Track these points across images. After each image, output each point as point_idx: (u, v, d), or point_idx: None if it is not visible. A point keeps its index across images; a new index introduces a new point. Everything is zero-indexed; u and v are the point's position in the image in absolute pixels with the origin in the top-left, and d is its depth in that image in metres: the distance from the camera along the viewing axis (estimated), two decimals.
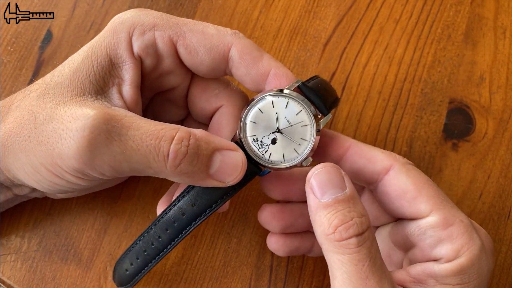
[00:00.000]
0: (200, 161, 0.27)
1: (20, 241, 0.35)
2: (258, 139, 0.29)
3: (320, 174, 0.26)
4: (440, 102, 0.39)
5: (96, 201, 0.36)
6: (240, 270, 0.35)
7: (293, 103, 0.28)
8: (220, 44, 0.29)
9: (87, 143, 0.26)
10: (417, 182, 0.28)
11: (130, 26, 0.29)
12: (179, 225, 0.29)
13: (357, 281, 0.24)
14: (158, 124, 0.27)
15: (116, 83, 0.29)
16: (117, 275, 0.32)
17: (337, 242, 0.25)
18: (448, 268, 0.26)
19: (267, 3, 0.42)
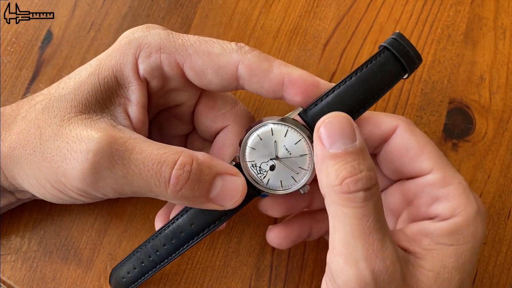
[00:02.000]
0: (201, 186, 0.27)
1: (20, 241, 0.35)
2: (256, 164, 0.29)
3: (330, 123, 0.25)
4: (440, 102, 0.39)
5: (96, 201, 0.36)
6: (240, 270, 0.35)
7: (293, 132, 0.28)
8: (227, 65, 0.29)
9: (90, 166, 0.26)
10: (420, 141, 0.28)
11: (137, 48, 0.29)
12: (177, 242, 0.30)
13: (359, 236, 0.24)
14: (161, 147, 0.27)
15: (122, 103, 0.29)
16: (114, 280, 0.33)
17: (343, 195, 0.24)
18: (444, 226, 0.26)
19: (267, 3, 0.42)
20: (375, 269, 0.23)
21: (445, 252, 0.26)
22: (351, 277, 0.24)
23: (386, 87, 0.28)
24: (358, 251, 0.24)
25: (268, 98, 0.31)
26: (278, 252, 0.36)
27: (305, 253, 0.36)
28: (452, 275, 0.26)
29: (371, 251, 0.24)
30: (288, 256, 0.36)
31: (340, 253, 0.24)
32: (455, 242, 0.26)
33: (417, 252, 0.26)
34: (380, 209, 0.25)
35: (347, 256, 0.24)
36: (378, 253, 0.24)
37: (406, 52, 0.28)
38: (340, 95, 0.28)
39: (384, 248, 0.24)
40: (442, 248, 0.26)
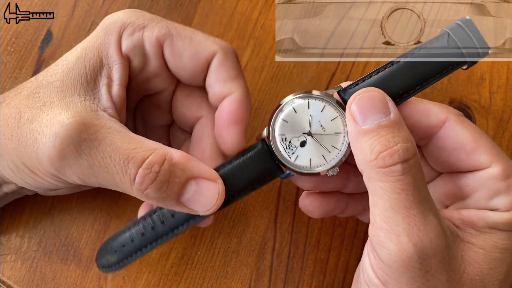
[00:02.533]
0: (170, 188, 0.26)
1: (20, 241, 0.35)
2: (286, 139, 0.27)
3: (362, 99, 0.25)
4: (440, 102, 0.39)
5: (96, 201, 0.36)
6: (240, 270, 0.35)
7: (330, 108, 0.27)
8: (205, 51, 0.29)
9: (56, 153, 0.26)
10: (474, 134, 0.27)
11: (121, 26, 0.29)
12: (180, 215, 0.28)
13: (400, 210, 0.23)
14: (133, 142, 0.26)
15: (105, 83, 0.29)
16: (102, 254, 0.31)
17: (380, 169, 0.23)
18: (504, 216, 0.26)
19: (267, 3, 0.42)
20: (417, 243, 0.23)
21: (499, 235, 0.25)
22: (394, 251, 0.23)
23: (438, 75, 0.27)
24: (399, 226, 0.23)
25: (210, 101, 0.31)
26: (278, 252, 0.36)
27: (305, 254, 0.36)
28: (505, 256, 0.25)
29: (412, 225, 0.23)
30: (288, 256, 0.36)
31: (381, 227, 0.24)
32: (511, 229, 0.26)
33: (469, 231, 0.26)
34: (421, 181, 0.24)
35: (388, 230, 0.23)
36: (420, 227, 0.23)
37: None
38: (383, 78, 0.26)
39: (426, 221, 0.23)
40: (496, 232, 0.25)
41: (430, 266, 0.23)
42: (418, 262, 0.23)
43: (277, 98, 0.39)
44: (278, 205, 0.37)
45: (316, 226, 0.36)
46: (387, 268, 0.24)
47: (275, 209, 0.37)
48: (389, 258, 0.23)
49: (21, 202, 0.36)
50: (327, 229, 0.37)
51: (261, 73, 0.40)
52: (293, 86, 0.39)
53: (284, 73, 0.40)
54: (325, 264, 0.36)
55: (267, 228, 0.36)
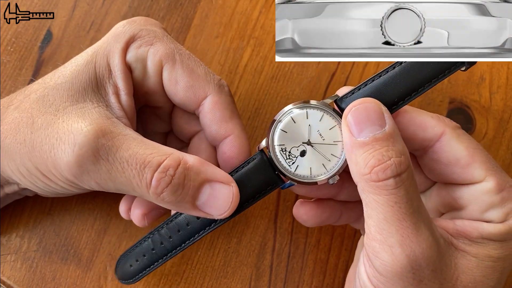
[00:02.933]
0: (185, 192, 0.27)
1: (20, 241, 0.35)
2: (286, 149, 0.28)
3: (358, 110, 0.25)
4: (440, 102, 0.39)
5: (96, 201, 0.36)
6: (240, 270, 0.35)
7: (328, 117, 0.27)
8: (199, 88, 0.30)
9: (75, 159, 0.26)
10: (469, 148, 0.27)
11: (130, 38, 0.30)
12: (193, 227, 0.29)
13: (393, 223, 0.24)
14: (149, 148, 0.27)
15: (114, 91, 0.30)
16: (120, 269, 0.32)
17: (374, 183, 0.24)
18: (497, 227, 0.26)
19: (267, 3, 0.42)
20: (410, 254, 0.24)
21: (492, 245, 0.26)
22: (388, 262, 0.24)
23: (434, 80, 0.27)
24: (393, 237, 0.24)
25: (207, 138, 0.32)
26: (278, 252, 0.36)
27: (305, 254, 0.36)
28: (497, 264, 0.26)
29: (405, 236, 0.24)
30: (288, 256, 0.36)
31: (375, 238, 0.24)
32: (504, 239, 0.26)
33: (463, 240, 0.26)
34: (414, 193, 0.24)
35: (382, 241, 0.24)
36: (413, 238, 0.24)
37: None
38: (378, 86, 0.27)
39: (418, 232, 0.24)
40: (489, 243, 0.26)
41: (423, 276, 0.24)
42: (411, 273, 0.24)
43: (277, 98, 0.39)
44: (278, 205, 0.37)
45: (316, 226, 0.36)
46: (381, 278, 0.24)
47: (275, 209, 0.37)
48: (384, 269, 0.24)
49: (21, 202, 0.36)
50: (327, 229, 0.37)
51: (261, 73, 0.40)
52: (293, 86, 0.39)
53: (284, 73, 0.40)
54: (325, 264, 0.36)
55: (267, 228, 0.36)
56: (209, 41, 0.40)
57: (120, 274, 0.32)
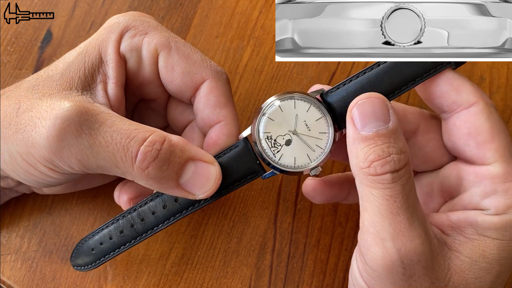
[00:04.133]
0: (171, 167, 0.27)
1: (20, 241, 0.35)
2: (272, 137, 0.28)
3: (363, 104, 0.25)
4: None
5: (96, 201, 0.36)
6: (240, 270, 0.35)
7: (315, 109, 0.28)
8: (196, 74, 0.30)
9: (56, 132, 0.26)
10: (494, 128, 0.27)
11: (124, 28, 0.30)
12: (170, 209, 0.28)
13: (387, 216, 0.24)
14: (133, 124, 0.27)
15: (102, 80, 0.30)
16: (78, 253, 0.31)
17: (371, 177, 0.24)
18: (493, 221, 0.26)
19: (267, 3, 0.42)
20: (401, 248, 0.24)
21: (488, 244, 0.26)
22: (378, 255, 0.24)
23: (418, 79, 0.27)
24: (385, 231, 0.24)
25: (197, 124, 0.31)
26: (278, 252, 0.36)
27: (305, 254, 0.36)
28: (491, 266, 0.25)
29: (398, 231, 0.24)
30: (288, 256, 0.36)
31: (368, 231, 0.24)
32: (500, 237, 0.26)
33: (458, 238, 0.26)
34: (410, 190, 0.25)
35: (374, 235, 0.24)
36: (405, 233, 0.24)
37: None
38: (362, 81, 0.27)
39: (412, 228, 0.24)
40: (485, 240, 0.26)
41: (414, 272, 0.24)
42: (401, 267, 0.24)
43: None
44: (278, 205, 0.37)
45: (316, 226, 0.36)
46: (372, 272, 0.25)
47: (275, 209, 0.37)
48: (374, 262, 0.24)
49: (21, 202, 0.36)
50: (327, 229, 0.37)
51: (261, 73, 0.40)
52: (293, 86, 0.39)
53: (284, 73, 0.40)
54: (325, 264, 0.36)
55: (267, 228, 0.36)
56: (209, 41, 0.40)
57: (79, 260, 0.31)
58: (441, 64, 0.27)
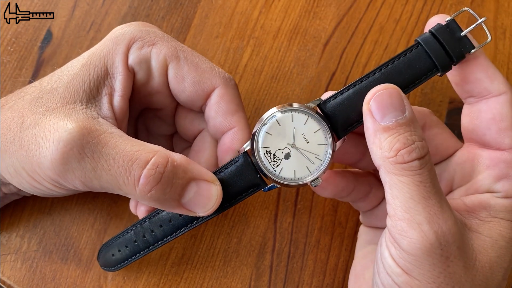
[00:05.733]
0: (173, 189, 0.27)
1: (20, 241, 0.35)
2: (271, 152, 0.28)
3: (381, 96, 0.26)
4: (440, 102, 0.39)
5: (96, 201, 0.36)
6: (240, 270, 0.35)
7: (312, 121, 0.28)
8: (207, 82, 0.30)
9: (60, 156, 0.26)
10: None
11: (131, 39, 0.30)
12: (175, 224, 0.29)
13: (420, 201, 0.25)
14: (136, 144, 0.27)
15: (108, 92, 0.29)
16: (102, 257, 0.33)
17: (399, 165, 0.25)
18: (505, 203, 0.27)
19: (267, 3, 0.42)
20: (438, 230, 0.24)
21: (502, 224, 0.27)
22: (416, 239, 0.24)
23: (411, 85, 0.28)
24: (420, 215, 0.24)
25: (209, 131, 0.32)
26: (278, 252, 0.36)
27: (305, 254, 0.36)
28: (510, 244, 0.27)
29: (432, 214, 0.25)
30: (288, 256, 0.36)
31: (402, 218, 0.25)
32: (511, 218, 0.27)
33: (474, 221, 0.27)
34: (434, 175, 0.25)
35: (410, 220, 0.25)
36: (439, 215, 0.25)
37: (442, 49, 0.28)
38: (361, 90, 0.27)
39: (443, 210, 0.25)
40: (500, 221, 0.27)
41: (450, 253, 0.25)
42: (439, 249, 0.24)
43: (277, 98, 0.39)
44: (278, 205, 0.37)
45: (316, 226, 0.36)
46: (409, 257, 0.25)
47: (275, 209, 0.37)
48: (412, 246, 0.25)
49: (21, 202, 0.36)
50: (327, 229, 0.37)
51: (261, 73, 0.40)
52: (293, 86, 0.40)
53: (284, 73, 0.40)
54: (325, 264, 0.36)
55: (267, 228, 0.36)
56: (209, 41, 0.40)
57: (102, 262, 0.33)
58: (431, 70, 0.28)
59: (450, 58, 0.28)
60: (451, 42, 0.28)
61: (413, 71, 0.28)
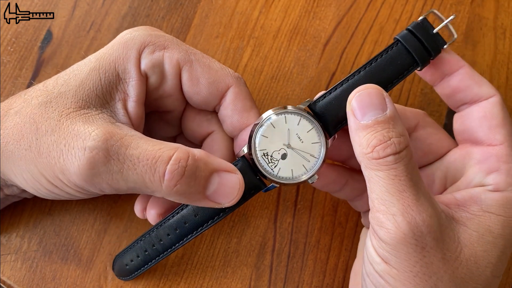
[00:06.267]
0: (197, 182, 0.27)
1: (20, 241, 0.35)
2: (268, 153, 0.29)
3: (361, 95, 0.27)
4: (440, 102, 0.39)
5: (96, 201, 0.36)
6: (240, 270, 0.35)
7: (305, 121, 0.29)
8: (222, 82, 0.31)
9: (86, 162, 0.26)
10: (506, 117, 0.30)
11: (141, 44, 0.30)
12: (181, 232, 0.30)
13: (394, 193, 0.26)
14: (157, 143, 0.28)
15: (121, 98, 0.30)
16: (117, 267, 0.34)
17: (375, 160, 0.26)
18: (496, 197, 0.28)
19: (267, 3, 0.42)
20: (411, 221, 0.25)
21: (492, 220, 0.27)
22: (391, 229, 0.26)
23: (395, 81, 0.29)
24: (394, 207, 0.26)
25: (225, 130, 0.33)
26: (278, 252, 0.36)
27: (304, 253, 0.36)
28: (497, 240, 0.27)
29: (406, 205, 0.26)
30: (288, 256, 0.36)
31: (378, 210, 0.26)
32: (503, 213, 0.27)
33: (464, 215, 0.28)
34: (412, 170, 0.26)
35: (385, 211, 0.26)
36: (413, 207, 0.25)
37: (420, 44, 0.29)
38: (347, 89, 0.29)
39: (418, 203, 0.26)
40: (490, 216, 0.27)
41: (425, 243, 0.25)
42: (414, 239, 0.25)
43: (277, 98, 0.39)
44: (278, 205, 0.37)
45: (316, 226, 0.36)
46: (387, 247, 0.26)
47: (275, 209, 0.37)
48: (388, 236, 0.26)
49: (21, 202, 0.36)
50: (327, 229, 0.37)
51: (261, 73, 0.40)
52: (293, 86, 0.40)
53: (284, 73, 0.40)
54: (325, 264, 0.36)
55: (267, 228, 0.36)
56: (209, 41, 0.40)
57: (118, 272, 0.34)
58: (411, 65, 0.30)
59: (428, 52, 0.30)
60: (428, 38, 0.30)
61: (395, 67, 0.29)
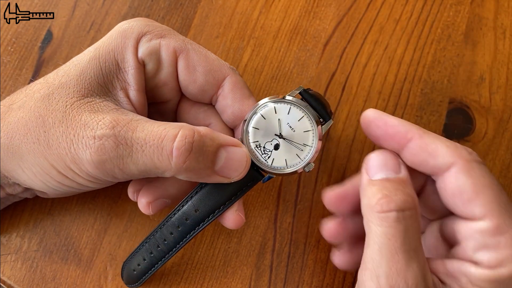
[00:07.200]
0: (205, 157, 0.28)
1: (20, 241, 0.35)
2: (260, 145, 0.29)
3: (376, 157, 0.28)
4: (440, 102, 0.39)
5: (96, 201, 0.36)
6: (240, 270, 0.35)
7: (295, 109, 0.29)
8: (218, 71, 0.31)
9: (98, 149, 0.27)
10: (477, 184, 0.26)
11: (139, 33, 0.30)
12: (183, 229, 0.30)
13: (386, 254, 0.25)
14: (162, 124, 0.28)
15: (123, 87, 0.30)
16: (126, 274, 0.33)
17: (377, 213, 0.26)
18: (486, 273, 0.26)
19: (267, 3, 0.42)
20: (394, 286, 0.24)
21: None
22: None
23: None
24: (381, 268, 0.25)
25: (226, 121, 0.32)
26: (278, 252, 0.36)
27: (305, 253, 0.36)
28: None
29: (393, 270, 0.25)
30: (288, 256, 0.36)
31: (366, 268, 0.26)
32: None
33: (453, 286, 0.27)
34: (413, 233, 0.25)
35: (371, 271, 0.25)
36: (401, 273, 0.25)
37: None
38: None
39: (408, 269, 0.25)
40: None
41: None
42: None
43: None
44: (278, 205, 0.37)
45: (316, 226, 0.36)
46: None
47: (275, 209, 0.37)
48: None
49: (22, 202, 0.36)
50: None
51: (261, 73, 0.40)
52: (293, 86, 0.40)
53: (284, 73, 0.40)
54: (325, 264, 0.36)
55: (267, 228, 0.36)
56: (209, 41, 0.40)
57: (126, 279, 0.34)
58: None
59: None
60: None
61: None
